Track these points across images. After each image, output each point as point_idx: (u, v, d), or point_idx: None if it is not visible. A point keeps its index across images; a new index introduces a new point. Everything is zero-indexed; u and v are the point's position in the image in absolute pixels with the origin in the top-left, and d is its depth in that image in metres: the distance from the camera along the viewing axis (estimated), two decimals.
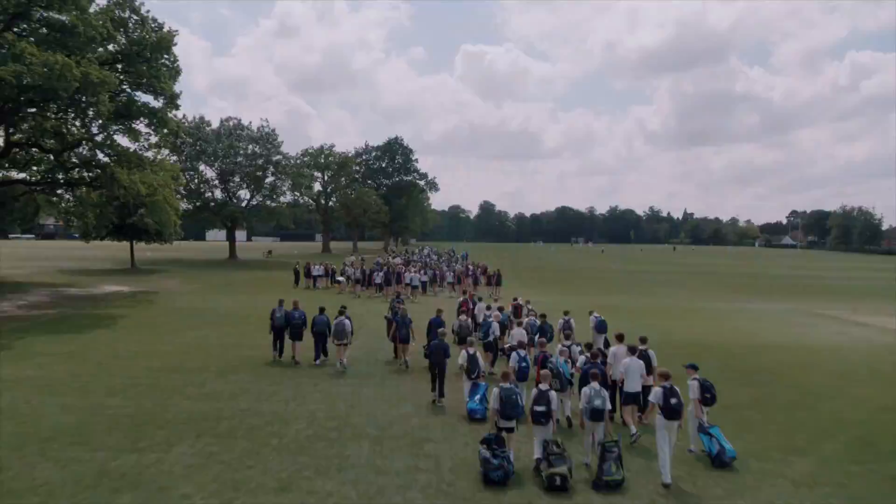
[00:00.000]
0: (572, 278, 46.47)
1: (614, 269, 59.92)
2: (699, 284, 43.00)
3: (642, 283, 42.88)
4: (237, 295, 30.27)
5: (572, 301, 29.42)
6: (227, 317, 22.78)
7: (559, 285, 39.70)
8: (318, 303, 18.41)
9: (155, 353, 15.97)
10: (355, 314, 23.69)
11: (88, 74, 19.38)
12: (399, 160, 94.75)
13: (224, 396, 12.18)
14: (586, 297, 32.83)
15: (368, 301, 29.23)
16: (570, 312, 17.23)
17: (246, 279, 38.92)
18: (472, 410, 11.49)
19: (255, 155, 53.11)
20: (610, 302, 30.36)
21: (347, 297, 29.70)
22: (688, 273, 55.06)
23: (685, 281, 45.92)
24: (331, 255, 69.63)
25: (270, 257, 61.23)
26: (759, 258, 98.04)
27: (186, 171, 50.48)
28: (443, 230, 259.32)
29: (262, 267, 50.08)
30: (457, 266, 43.47)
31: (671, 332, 21.65)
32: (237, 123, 52.95)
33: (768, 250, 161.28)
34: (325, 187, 72.63)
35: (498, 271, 34.77)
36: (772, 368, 15.92)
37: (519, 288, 36.26)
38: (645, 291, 36.95)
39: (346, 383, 13.55)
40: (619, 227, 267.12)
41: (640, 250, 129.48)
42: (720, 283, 44.71)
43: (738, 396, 12.80)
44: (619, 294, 34.86)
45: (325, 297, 28.12)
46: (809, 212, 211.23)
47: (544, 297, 31.71)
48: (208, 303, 26.66)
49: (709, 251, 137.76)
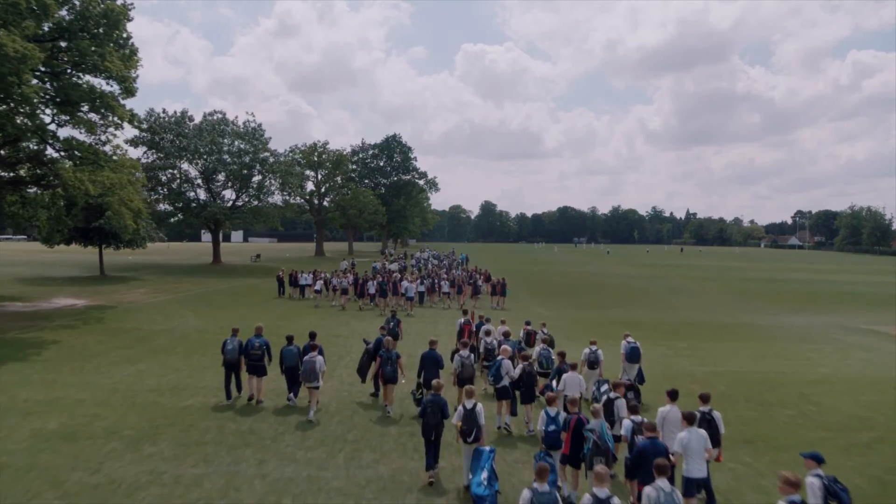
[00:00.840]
0: (582, 286, 42.68)
1: (626, 274, 56.11)
2: (722, 293, 39.20)
3: (661, 292, 39.09)
4: (208, 309, 26.49)
5: (590, 317, 25.56)
6: (182, 341, 18.98)
7: (570, 296, 35.91)
8: (300, 318, 14.66)
9: (61, 404, 12.16)
10: (339, 337, 20.09)
11: (3, 46, 15.64)
12: (397, 158, 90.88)
13: (120, 490, 8.38)
14: (603, 310, 29.01)
15: (359, 316, 25.38)
16: (597, 343, 13.69)
17: (224, 289, 35.11)
18: (478, 498, 7.69)
19: (241, 152, 49.31)
20: (632, 317, 26.56)
21: (330, 312, 25.91)
22: (704, 278, 51.23)
23: (706, 288, 42.12)
24: (324, 260, 65.83)
25: (258, 261, 57.33)
26: (770, 260, 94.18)
27: (166, 168, 46.73)
28: (443, 230, 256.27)
29: (247, 273, 46.27)
30: (456, 272, 39.65)
31: (716, 360, 17.87)
32: (222, 118, 49.11)
33: (776, 251, 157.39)
34: (319, 186, 68.59)
35: (503, 280, 30.99)
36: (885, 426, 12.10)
37: (525, 299, 32.50)
38: (667, 303, 33.15)
39: (307, 455, 9.76)
40: (621, 227, 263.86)
41: (647, 252, 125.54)
42: (743, 290, 40.91)
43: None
44: (640, 307, 31.07)
45: (306, 313, 24.54)
46: (816, 212, 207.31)
47: (555, 311, 27.87)
48: (169, 321, 22.86)
49: (717, 252, 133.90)
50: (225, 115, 49.60)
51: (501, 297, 30.58)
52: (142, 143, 46.14)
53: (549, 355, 13.41)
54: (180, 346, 18.16)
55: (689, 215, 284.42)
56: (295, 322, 23.16)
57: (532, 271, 55.82)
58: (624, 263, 74.84)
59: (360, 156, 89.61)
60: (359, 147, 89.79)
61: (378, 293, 28.86)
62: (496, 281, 31.38)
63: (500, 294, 30.65)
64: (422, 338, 20.23)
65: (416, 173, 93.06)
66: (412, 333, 21.35)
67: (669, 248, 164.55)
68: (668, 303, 32.79)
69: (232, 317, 24.27)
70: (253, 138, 48.48)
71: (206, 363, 15.95)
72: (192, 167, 48.66)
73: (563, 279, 47.25)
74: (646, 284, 43.84)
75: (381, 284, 29.17)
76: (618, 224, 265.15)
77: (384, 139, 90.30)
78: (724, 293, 38.61)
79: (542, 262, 75.72)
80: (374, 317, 24.99)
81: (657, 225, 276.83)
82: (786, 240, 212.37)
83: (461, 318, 17.05)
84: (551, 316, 26.50)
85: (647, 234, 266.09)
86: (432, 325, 23.35)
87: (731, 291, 39.71)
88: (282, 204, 53.08)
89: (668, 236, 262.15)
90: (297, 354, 12.71)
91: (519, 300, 32.57)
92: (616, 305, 31.13)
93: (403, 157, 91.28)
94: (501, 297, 30.58)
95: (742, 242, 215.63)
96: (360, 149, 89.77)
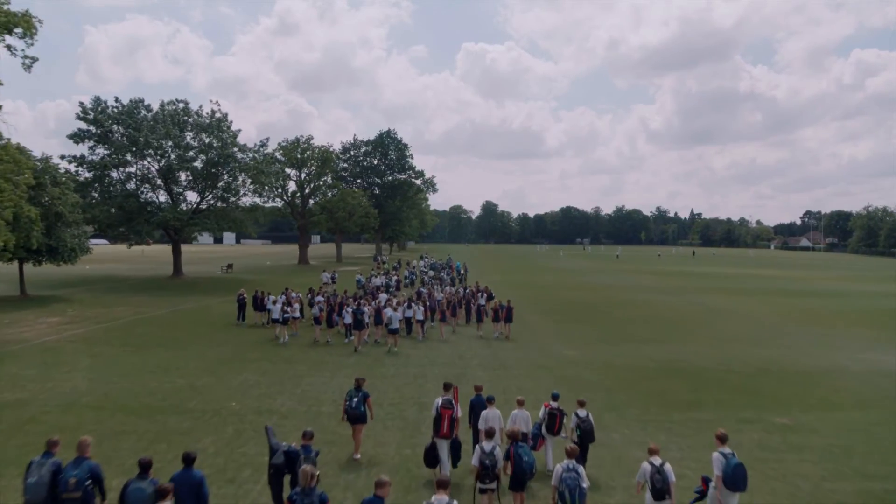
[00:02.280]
0: (602, 305, 36.07)
1: (648, 286, 49.53)
2: (772, 313, 32.64)
3: (700, 314, 32.58)
4: (120, 352, 19.97)
5: (627, 362, 18.30)
6: (10, 435, 12.41)
7: (591, 322, 29.31)
8: (243, 367, 8.29)
9: None
10: (268, 415, 10.39)
11: None
12: (392, 156, 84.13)
13: None
14: (640, 346, 22.30)
15: (320, 363, 18.75)
16: (658, 453, 7.49)
17: (166, 314, 28.55)
18: None
19: (207, 147, 42.70)
20: (680, 357, 19.91)
21: (286, 351, 19.16)
22: (740, 291, 44.63)
23: (751, 308, 35.60)
24: (307, 270, 59.19)
25: (230, 272, 50.58)
26: (793, 265, 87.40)
27: (116, 167, 40.07)
28: (444, 231, 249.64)
29: (209, 289, 39.67)
30: (448, 288, 32.95)
31: (864, 464, 11.19)
32: (183, 108, 42.44)
33: (790, 254, 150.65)
34: (303, 187, 61.76)
35: (508, 305, 24.47)
36: None
37: (537, 326, 25.66)
38: (716, 332, 26.60)
39: None
40: (625, 227, 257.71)
41: (658, 255, 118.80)
42: (796, 309, 34.37)
43: None
44: (684, 340, 24.45)
45: (254, 357, 16.95)
46: (828, 212, 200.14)
47: (579, 348, 21.10)
48: (39, 381, 16.18)
49: (730, 255, 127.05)
50: (188, 104, 43.02)
51: (507, 324, 24.27)
52: (87, 137, 39.56)
53: (573, 475, 7.39)
54: (25, 437, 11.55)
55: (694, 215, 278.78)
56: (232, 374, 16.60)
57: (540, 283, 49.18)
58: (639, 271, 68.18)
59: (351, 153, 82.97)
60: (350, 144, 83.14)
61: (354, 324, 22.42)
62: (498, 305, 24.86)
63: (504, 320, 24.29)
64: (403, 401, 13.72)
65: (413, 172, 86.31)
66: (389, 393, 14.84)
67: (678, 250, 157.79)
68: (716, 332, 26.16)
69: (148, 365, 17.73)
70: (218, 130, 41.73)
71: None
72: (152, 164, 41.99)
73: (578, 294, 40.62)
74: (676, 302, 37.20)
75: (356, 313, 22.65)
76: (622, 224, 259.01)
77: (377, 135, 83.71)
78: (776, 314, 31.98)
79: (549, 269, 69.08)
80: (344, 359, 18.39)
81: (662, 225, 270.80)
82: (796, 241, 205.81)
83: (439, 397, 10.50)
84: (576, 358, 19.89)
85: (651, 234, 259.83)
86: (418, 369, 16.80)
87: (782, 311, 33.08)
88: (251, 206, 46.10)
89: (672, 237, 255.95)
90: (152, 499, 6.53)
91: (528, 327, 26.04)
92: (654, 338, 24.49)
93: (399, 155, 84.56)
94: (507, 324, 24.27)
95: (751, 244, 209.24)
96: (351, 146, 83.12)
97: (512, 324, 24.59)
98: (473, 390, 11.44)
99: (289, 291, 28.57)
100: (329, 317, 23.98)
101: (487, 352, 20.84)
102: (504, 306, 24.57)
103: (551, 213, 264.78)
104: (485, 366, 18.70)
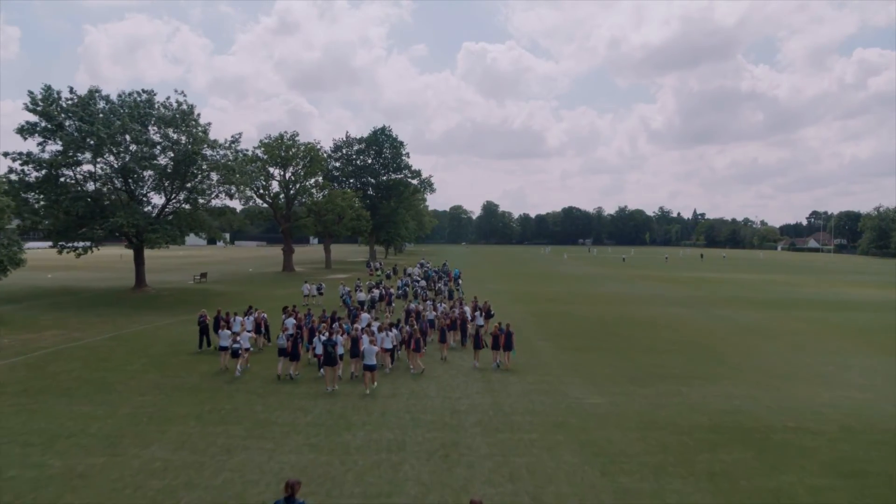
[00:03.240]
0: (620, 325, 31.53)
1: (667, 297, 45.00)
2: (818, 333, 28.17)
3: (739, 337, 28.07)
4: (8, 410, 15.44)
5: (668, 416, 13.26)
6: None
7: (612, 350, 24.74)
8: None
9: None
10: None
11: None
12: (387, 154, 79.58)
13: None
14: (679, 386, 17.68)
15: (266, 430, 14.16)
16: None
17: (102, 343, 23.99)
18: None
19: (173, 143, 38.11)
20: (729, 407, 15.37)
21: (245, 394, 14.51)
22: (773, 301, 40.08)
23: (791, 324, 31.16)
24: (292, 278, 54.58)
25: (203, 283, 45.86)
26: (810, 269, 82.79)
27: (69, 165, 35.47)
28: (444, 232, 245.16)
29: (173, 304, 35.11)
30: (441, 306, 28.07)
31: None
32: (146, 99, 37.82)
33: (800, 255, 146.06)
34: (287, 187, 57.05)
35: (507, 329, 20.07)
36: None
37: (546, 356, 20.70)
38: (768, 366, 22.06)
39: None
40: (628, 227, 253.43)
41: (666, 258, 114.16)
42: (855, 329, 29.87)
43: None
44: (727, 376, 19.94)
45: (183, 415, 11.66)
46: (837, 213, 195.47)
47: (605, 394, 16.36)
48: None
49: (740, 258, 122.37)
50: (153, 95, 38.33)
51: (507, 353, 20.03)
52: (36, 131, 34.96)
53: None
54: None
55: (697, 216, 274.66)
56: (139, 446, 12.03)
57: (547, 294, 44.54)
58: (651, 277, 63.56)
59: (343, 151, 78.43)
60: (342, 141, 78.58)
61: (325, 358, 17.99)
62: (497, 329, 20.38)
63: (504, 348, 19.98)
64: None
65: (409, 172, 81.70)
66: (346, 485, 10.22)
67: (686, 252, 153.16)
68: (763, 363, 21.56)
69: (30, 429, 13.21)
70: (183, 124, 37.06)
71: None
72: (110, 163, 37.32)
73: (592, 310, 36.00)
74: (702, 318, 32.61)
75: (327, 345, 18.16)
76: (624, 225, 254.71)
77: (371, 132, 79.11)
78: (820, 333, 27.38)
79: (554, 276, 64.44)
80: (299, 417, 13.82)
81: (665, 226, 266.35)
82: (804, 242, 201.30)
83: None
84: (603, 410, 15.27)
85: (654, 235, 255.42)
86: (395, 434, 12.24)
87: (826, 329, 28.49)
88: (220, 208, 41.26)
89: (676, 238, 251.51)
90: None
91: (538, 357, 21.50)
92: (694, 372, 19.90)
93: (394, 154, 80.00)
94: (507, 353, 20.03)
95: (758, 245, 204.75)
96: (343, 143, 78.56)
97: (515, 352, 20.48)
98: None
99: (258, 313, 24.10)
100: (295, 347, 19.45)
101: (488, 400, 16.24)
102: (503, 331, 20.22)
103: (553, 213, 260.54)
104: (485, 426, 14.11)
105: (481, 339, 20.96)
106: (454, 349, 23.14)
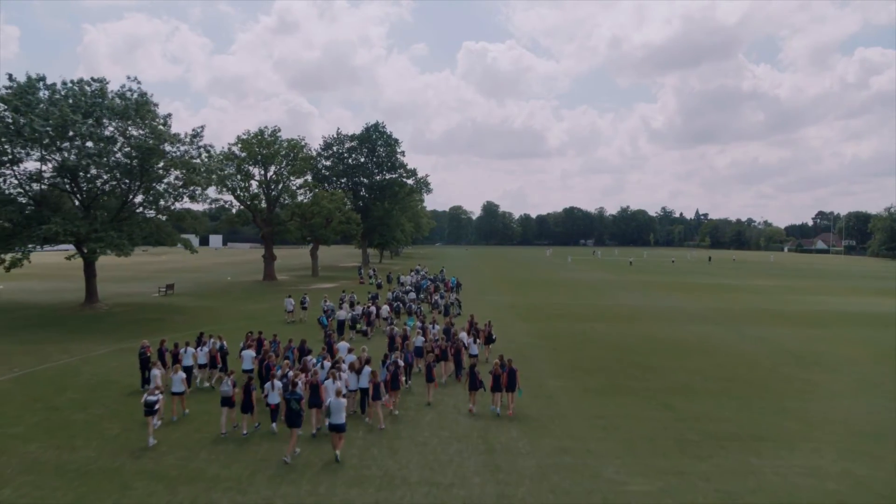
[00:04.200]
0: (642, 350, 27.02)
1: (687, 311, 40.41)
2: (872, 359, 23.59)
3: (785, 367, 23.59)
4: None
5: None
6: None
7: (654, 399, 20.23)
8: None
9: None
10: None
11: None
12: (381, 152, 74.85)
13: None
14: (757, 452, 13.06)
15: None
16: None
17: (9, 382, 19.43)
18: None
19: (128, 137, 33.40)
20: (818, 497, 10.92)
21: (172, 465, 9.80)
22: (808, 316, 35.53)
23: (841, 348, 26.76)
24: (272, 288, 49.88)
25: (169, 296, 40.96)
26: (829, 271, 78.02)
27: (2, 164, 30.81)
28: (444, 232, 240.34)
29: (117, 326, 30.44)
30: (434, 328, 23.38)
31: None
32: (98, 89, 33.04)
33: (811, 257, 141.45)
34: (268, 188, 52.25)
35: (510, 366, 15.72)
36: None
37: (558, 398, 15.80)
38: (834, 410, 17.68)
39: None
40: (630, 228, 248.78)
41: (672, 261, 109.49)
42: None
43: None
44: (825, 442, 15.40)
45: None
46: (845, 213, 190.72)
47: (644, 470, 11.81)
48: None
49: (750, 261, 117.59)
50: (105, 83, 33.58)
51: (511, 395, 16.02)
52: None
53: None
54: None
55: (700, 216, 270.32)
56: None
57: (554, 308, 39.85)
58: (663, 285, 58.82)
59: (334, 149, 73.72)
60: (333, 139, 73.85)
61: (286, 416, 13.73)
62: (498, 367, 15.93)
63: (505, 389, 15.92)
64: None
65: (405, 171, 76.90)
66: None
67: (692, 254, 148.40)
68: (836, 412, 16.96)
69: None
70: (137, 116, 32.34)
71: None
72: (53, 161, 32.57)
73: (609, 329, 31.36)
74: (739, 341, 27.95)
75: (289, 400, 13.81)
76: (626, 225, 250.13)
77: (364, 129, 74.38)
78: (882, 360, 22.75)
79: (560, 284, 59.69)
80: None
81: (667, 226, 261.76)
82: (811, 243, 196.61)
83: None
84: (651, 499, 10.64)
85: (657, 235, 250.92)
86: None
87: (886, 354, 23.85)
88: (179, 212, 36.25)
89: (679, 238, 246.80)
90: None
91: (553, 405, 16.84)
92: (754, 430, 15.28)
93: (389, 152, 75.21)
94: (511, 395, 16.02)
95: (764, 246, 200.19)
96: (334, 140, 73.85)
97: (522, 392, 16.21)
98: None
99: (213, 341, 19.39)
100: (247, 394, 14.82)
101: (491, 491, 11.55)
102: (505, 368, 15.97)
103: (554, 213, 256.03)
104: None
105: (478, 378, 16.37)
106: (444, 386, 18.66)
